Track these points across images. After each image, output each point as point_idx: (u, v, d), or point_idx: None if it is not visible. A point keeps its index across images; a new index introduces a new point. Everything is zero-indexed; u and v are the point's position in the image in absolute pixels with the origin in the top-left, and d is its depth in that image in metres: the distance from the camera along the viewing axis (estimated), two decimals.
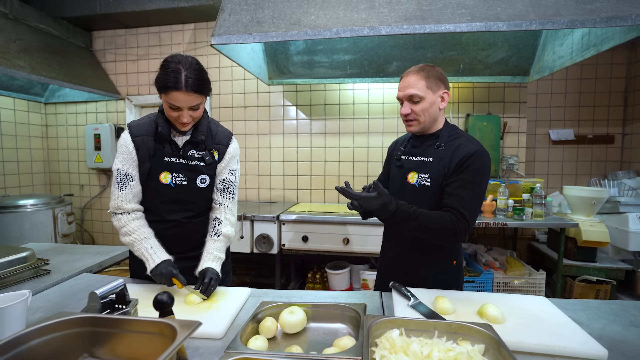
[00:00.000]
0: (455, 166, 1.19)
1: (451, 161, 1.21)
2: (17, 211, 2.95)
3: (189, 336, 0.64)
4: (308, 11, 1.98)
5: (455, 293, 1.21)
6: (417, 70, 1.24)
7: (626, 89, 3.31)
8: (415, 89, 1.21)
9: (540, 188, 2.57)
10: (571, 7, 1.73)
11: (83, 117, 3.78)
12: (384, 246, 1.49)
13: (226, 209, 1.37)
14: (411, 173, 1.30)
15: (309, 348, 0.93)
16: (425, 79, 1.22)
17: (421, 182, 1.27)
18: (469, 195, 1.16)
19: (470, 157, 1.17)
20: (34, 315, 1.07)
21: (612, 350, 0.86)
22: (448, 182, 1.20)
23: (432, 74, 1.23)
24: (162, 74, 1.15)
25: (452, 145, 1.23)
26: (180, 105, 1.16)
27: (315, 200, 3.40)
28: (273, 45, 2.90)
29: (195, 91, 1.16)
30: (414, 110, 1.23)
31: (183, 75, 1.13)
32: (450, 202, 1.16)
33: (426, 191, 1.25)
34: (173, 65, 1.14)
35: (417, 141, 1.34)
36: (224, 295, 1.20)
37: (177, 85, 1.13)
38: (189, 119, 1.20)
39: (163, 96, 1.17)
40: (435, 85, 1.23)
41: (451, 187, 1.18)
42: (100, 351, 0.73)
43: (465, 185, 1.16)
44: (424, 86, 1.21)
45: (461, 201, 1.14)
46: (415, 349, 0.78)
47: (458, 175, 1.18)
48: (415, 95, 1.21)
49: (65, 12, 3.26)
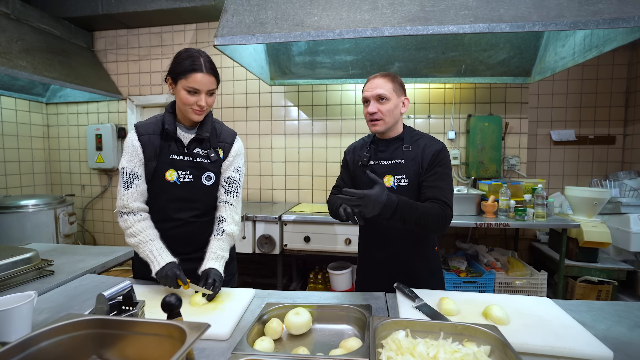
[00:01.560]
0: (429, 163, 1.30)
1: (423, 159, 1.31)
2: (18, 211, 2.95)
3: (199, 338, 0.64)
4: (311, 12, 1.98)
5: (459, 294, 1.22)
6: (384, 75, 1.33)
7: (627, 90, 3.32)
8: (383, 89, 1.29)
9: (542, 189, 2.57)
10: (574, 9, 1.73)
11: (84, 117, 3.78)
12: (365, 249, 1.49)
13: (230, 206, 1.38)
14: (386, 177, 1.34)
15: (315, 349, 0.94)
16: (392, 83, 1.31)
17: (399, 184, 1.33)
18: (446, 185, 1.27)
19: (439, 152, 1.31)
20: (39, 317, 1.07)
21: (617, 351, 0.86)
22: (424, 178, 1.30)
23: (397, 80, 1.33)
24: (179, 62, 1.22)
25: (419, 145, 1.34)
26: (200, 88, 1.21)
27: (317, 201, 3.41)
28: (275, 46, 2.90)
29: (213, 74, 1.24)
30: (381, 109, 1.30)
31: (201, 59, 1.21)
32: (432, 194, 1.25)
33: (405, 191, 1.31)
34: (189, 53, 1.22)
35: (382, 145, 1.39)
36: (229, 296, 1.20)
37: (198, 67, 1.19)
38: (205, 104, 1.24)
39: (181, 82, 1.21)
40: (399, 91, 1.33)
41: (428, 181, 1.29)
42: (109, 353, 0.73)
43: (440, 177, 1.28)
44: (390, 88, 1.30)
45: (441, 191, 1.25)
46: (422, 350, 0.78)
47: (432, 169, 1.29)
48: (382, 95, 1.29)
49: (67, 12, 3.26)
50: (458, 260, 2.79)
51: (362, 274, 1.52)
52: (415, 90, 3.19)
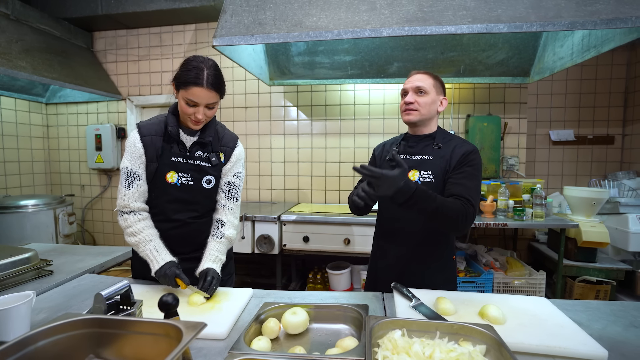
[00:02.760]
0: (457, 162, 1.28)
1: (452, 158, 1.29)
2: (18, 211, 2.95)
3: (195, 337, 0.65)
4: (309, 12, 1.98)
5: (456, 294, 1.22)
6: (425, 72, 1.35)
7: (626, 90, 3.32)
8: (423, 82, 1.31)
9: (541, 189, 2.58)
10: (571, 9, 1.74)
11: (84, 117, 3.79)
12: (380, 246, 1.46)
13: (229, 211, 1.39)
14: (412, 171, 1.33)
15: (311, 349, 0.94)
16: (433, 79, 1.33)
17: (424, 179, 1.31)
18: (473, 185, 1.23)
19: (470, 153, 1.28)
20: (38, 316, 1.08)
21: (612, 350, 0.86)
22: (451, 175, 1.27)
23: (439, 79, 1.35)
24: (184, 71, 1.20)
25: (450, 145, 1.32)
26: (199, 102, 1.20)
27: (316, 201, 3.41)
28: (274, 46, 2.90)
29: (215, 89, 1.21)
30: (418, 101, 1.31)
31: (205, 72, 1.19)
32: (456, 190, 1.21)
33: (429, 187, 1.26)
34: (195, 63, 1.20)
35: (413, 141, 1.39)
36: (227, 296, 1.20)
37: (199, 82, 1.18)
38: (203, 117, 1.24)
39: (182, 92, 1.21)
40: (439, 88, 1.34)
41: (455, 179, 1.25)
42: (106, 352, 0.73)
43: (468, 176, 1.24)
44: (430, 84, 1.31)
45: (467, 190, 1.21)
46: (418, 350, 0.78)
47: (461, 168, 1.26)
48: (421, 88, 1.30)
49: (66, 12, 3.27)
50: (457, 260, 2.79)
51: (374, 273, 1.48)
52: None
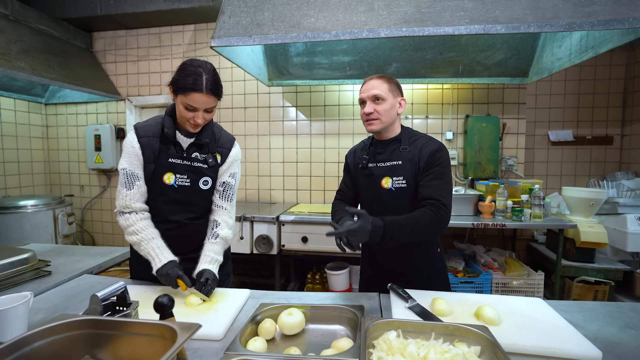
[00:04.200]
0: (425, 163, 1.30)
1: (420, 160, 1.31)
2: (17, 212, 2.96)
3: (189, 338, 0.65)
4: (307, 13, 1.99)
5: (452, 295, 1.23)
6: (379, 77, 1.34)
7: (625, 90, 3.32)
8: (378, 90, 1.31)
9: (539, 189, 2.58)
10: (569, 10, 1.74)
11: (83, 117, 3.79)
12: (367, 248, 1.49)
13: (224, 211, 1.39)
14: (384, 179, 1.35)
15: (307, 349, 0.95)
16: (387, 84, 1.32)
17: (397, 185, 1.34)
18: (442, 184, 1.26)
19: (436, 152, 1.30)
20: (35, 317, 1.08)
21: (606, 351, 0.87)
22: (421, 178, 1.30)
23: (392, 81, 1.35)
24: (181, 76, 1.19)
25: (416, 146, 1.34)
26: (198, 107, 1.20)
27: (315, 201, 3.41)
28: (273, 47, 2.91)
29: (213, 94, 1.21)
30: (377, 109, 1.31)
31: (204, 78, 1.18)
32: (427, 193, 1.25)
33: (403, 193, 1.32)
34: (193, 68, 1.19)
35: (380, 147, 1.40)
36: (224, 297, 1.21)
37: (198, 87, 1.17)
38: (202, 120, 1.24)
39: (180, 97, 1.20)
40: (395, 91, 1.34)
41: (424, 180, 1.29)
42: (102, 353, 0.74)
43: (437, 176, 1.27)
44: (386, 89, 1.31)
45: (437, 190, 1.24)
46: (412, 351, 0.79)
47: (429, 170, 1.29)
48: (378, 95, 1.30)
49: (65, 13, 3.27)
50: (455, 261, 2.80)
51: (366, 274, 1.52)
52: (413, 90, 3.19)
